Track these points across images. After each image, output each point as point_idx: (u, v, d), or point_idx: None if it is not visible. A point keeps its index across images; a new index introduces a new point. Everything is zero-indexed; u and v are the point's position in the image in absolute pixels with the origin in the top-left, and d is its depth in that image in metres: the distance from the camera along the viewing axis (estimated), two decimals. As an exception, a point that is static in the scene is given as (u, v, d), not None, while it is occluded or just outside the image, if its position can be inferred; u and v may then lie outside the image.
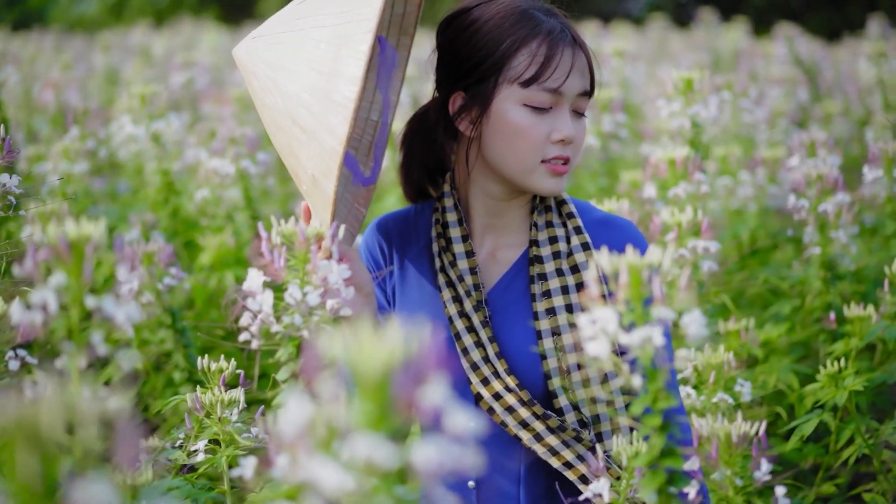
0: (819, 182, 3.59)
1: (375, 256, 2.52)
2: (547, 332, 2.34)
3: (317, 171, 2.14)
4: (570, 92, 2.31)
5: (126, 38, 11.32)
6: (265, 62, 2.23)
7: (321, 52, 2.13)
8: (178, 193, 4.20)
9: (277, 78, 2.20)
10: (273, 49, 2.23)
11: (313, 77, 2.13)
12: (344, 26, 2.12)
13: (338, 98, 2.08)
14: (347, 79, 2.07)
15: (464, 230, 2.43)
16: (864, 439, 2.87)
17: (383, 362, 1.23)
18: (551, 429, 2.30)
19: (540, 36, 2.32)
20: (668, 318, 1.80)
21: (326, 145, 2.09)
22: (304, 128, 2.15)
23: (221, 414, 2.46)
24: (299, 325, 2.18)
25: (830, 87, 8.42)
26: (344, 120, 2.06)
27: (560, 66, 2.30)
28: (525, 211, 2.46)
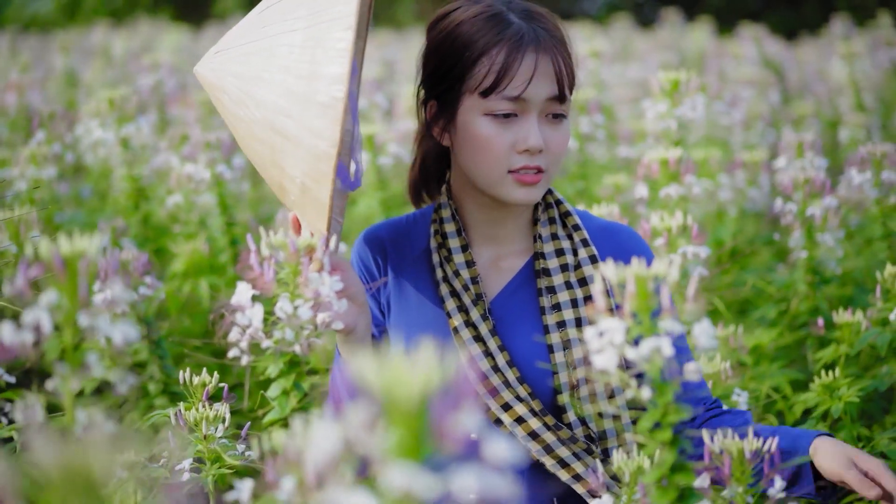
0: (806, 185, 3.56)
1: (370, 267, 2.46)
2: (558, 346, 2.30)
3: (306, 178, 2.08)
4: (535, 98, 2.24)
5: (83, 38, 11.15)
6: (235, 75, 2.15)
7: (296, 56, 2.06)
8: (148, 199, 4.10)
9: (251, 89, 2.12)
10: (242, 61, 2.15)
11: (290, 82, 2.05)
12: (316, 27, 2.04)
13: (323, 99, 2.01)
14: (330, 79, 2.00)
15: (463, 240, 2.39)
16: (859, 448, 2.83)
17: (419, 389, 1.16)
18: (562, 440, 2.26)
19: (501, 42, 2.25)
20: (676, 331, 1.75)
21: (316, 150, 2.03)
22: (288, 136, 2.07)
23: (207, 431, 2.38)
24: (291, 339, 2.10)
25: (799, 87, 8.43)
26: (334, 121, 1.99)
27: (520, 72, 2.23)
28: (526, 219, 2.42)
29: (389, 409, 1.18)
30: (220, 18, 15.40)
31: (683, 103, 3.86)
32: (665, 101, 3.89)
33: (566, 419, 2.27)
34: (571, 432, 2.26)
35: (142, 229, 4.08)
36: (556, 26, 2.31)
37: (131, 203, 4.08)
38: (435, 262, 2.40)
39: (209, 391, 2.44)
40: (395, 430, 1.19)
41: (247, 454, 2.36)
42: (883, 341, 3.01)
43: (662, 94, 3.90)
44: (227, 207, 3.97)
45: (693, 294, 1.75)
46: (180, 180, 3.93)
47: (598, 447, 2.27)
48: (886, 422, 3.19)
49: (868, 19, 12.01)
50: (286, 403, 2.18)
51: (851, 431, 2.87)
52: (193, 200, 3.95)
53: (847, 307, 3.22)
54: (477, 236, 2.42)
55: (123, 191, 4.12)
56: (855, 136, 5.79)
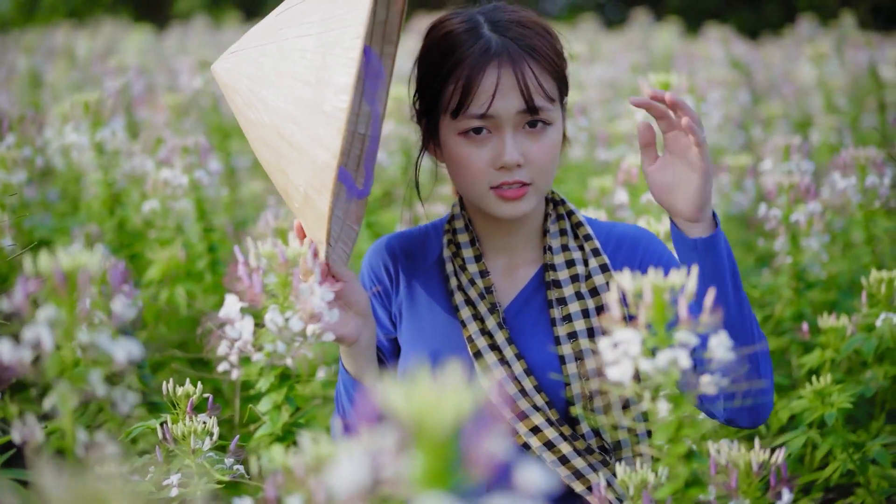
0: (791, 190, 3.55)
1: (380, 277, 2.45)
2: (569, 357, 2.28)
3: (309, 187, 2.05)
4: (503, 114, 2.21)
5: (44, 38, 11.00)
6: (248, 77, 2.12)
7: (307, 62, 2.03)
8: (123, 204, 4.02)
9: (262, 92, 2.09)
10: (255, 63, 2.12)
11: (298, 88, 2.02)
12: (328, 34, 2.01)
13: (328, 108, 1.98)
14: (337, 88, 1.97)
15: (477, 250, 2.38)
16: (849, 454, 2.82)
17: (450, 416, 1.12)
18: (578, 451, 2.24)
19: (464, 61, 2.23)
20: (692, 343, 1.72)
21: (318, 160, 2.00)
22: (293, 143, 2.04)
23: (195, 445, 2.32)
24: (282, 352, 2.05)
25: (766, 88, 8.46)
26: (336, 132, 1.96)
27: (481, 90, 2.21)
28: (537, 228, 2.40)
29: (419, 437, 1.14)
30: (183, 18, 15.29)
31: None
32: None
33: (579, 430, 2.25)
34: (587, 443, 2.24)
35: (116, 235, 4.00)
36: (538, 32, 2.27)
37: (106, 209, 4.00)
38: (449, 272, 2.39)
39: (193, 402, 2.39)
40: (424, 458, 1.14)
41: (235, 468, 2.32)
42: (869, 347, 3.01)
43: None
44: (205, 213, 3.90)
45: (709, 305, 1.71)
46: (156, 186, 3.86)
47: (613, 458, 2.25)
48: (872, 427, 3.18)
49: (831, 19, 12.10)
50: (278, 418, 2.13)
51: (840, 437, 2.85)
52: (170, 206, 3.88)
53: (831, 312, 3.21)
54: (489, 246, 2.41)
55: (97, 196, 4.04)
56: (826, 138, 5.81)
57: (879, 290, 3.07)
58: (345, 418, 2.35)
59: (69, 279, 1.57)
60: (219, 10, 16.70)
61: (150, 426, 2.46)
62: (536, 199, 2.27)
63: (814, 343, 3.37)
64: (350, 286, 2.19)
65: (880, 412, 3.19)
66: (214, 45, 10.75)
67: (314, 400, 3.14)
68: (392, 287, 2.44)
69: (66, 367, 1.58)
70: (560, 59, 2.29)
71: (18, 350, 1.52)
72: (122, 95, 5.61)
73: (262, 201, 5.00)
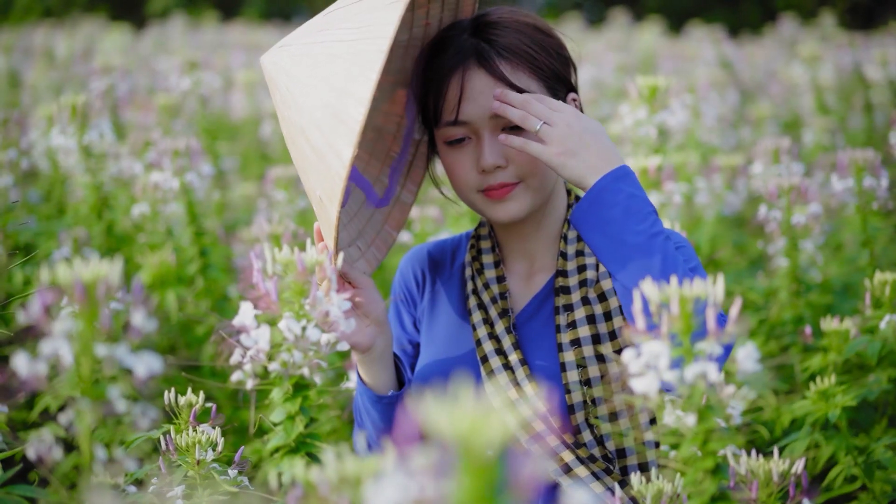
0: (791, 192, 3.53)
1: (409, 284, 2.48)
2: (570, 365, 2.25)
3: (323, 194, 2.05)
4: (475, 118, 2.22)
5: (20, 37, 10.89)
6: (287, 74, 2.12)
7: (336, 67, 2.02)
8: (111, 208, 3.96)
9: (295, 91, 2.09)
10: (295, 61, 2.12)
11: (326, 93, 2.01)
12: (360, 42, 2.00)
13: (345, 118, 1.97)
14: (357, 99, 1.95)
15: (496, 256, 2.39)
16: (855, 456, 2.80)
17: (496, 438, 1.08)
18: (581, 459, 2.20)
19: (436, 70, 2.26)
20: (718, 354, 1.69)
21: (332, 168, 1.99)
22: (315, 147, 2.04)
23: (199, 456, 2.27)
24: (299, 362, 2.01)
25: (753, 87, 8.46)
26: (349, 143, 1.95)
27: (449, 97, 2.23)
28: (555, 233, 2.38)
29: (463, 459, 1.10)
30: (159, 17, 15.20)
31: (664, 109, 3.81)
32: (644, 108, 3.83)
33: (581, 439, 2.22)
34: (589, 451, 2.21)
35: (105, 239, 3.94)
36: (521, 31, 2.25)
37: (93, 212, 3.94)
38: (467, 276, 2.40)
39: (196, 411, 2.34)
40: (467, 480, 1.11)
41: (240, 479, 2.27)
42: (873, 350, 2.99)
43: (640, 99, 3.84)
44: (196, 217, 3.85)
45: (735, 315, 1.68)
46: (146, 189, 3.80)
47: (616, 467, 2.22)
48: (875, 430, 3.16)
49: (809, 18, 12.14)
50: (292, 428, 2.08)
51: (844, 440, 2.83)
52: (160, 210, 3.83)
53: (828, 314, 3.20)
54: (510, 251, 2.41)
55: (84, 199, 3.98)
56: (818, 139, 5.80)
57: (883, 292, 3.05)
58: (363, 430, 2.32)
59: (88, 291, 1.52)
60: (195, 10, 16.62)
61: (153, 436, 2.42)
62: (531, 198, 2.26)
63: (815, 346, 3.35)
64: (366, 294, 2.20)
65: (882, 416, 3.18)
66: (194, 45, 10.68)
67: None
68: (419, 292, 2.46)
69: (84, 381, 1.53)
70: (551, 56, 2.27)
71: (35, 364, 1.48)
72: (106, 97, 5.53)
73: (253, 204, 4.95)
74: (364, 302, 2.20)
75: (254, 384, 2.01)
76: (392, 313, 2.51)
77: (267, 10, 18.21)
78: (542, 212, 2.35)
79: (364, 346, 2.20)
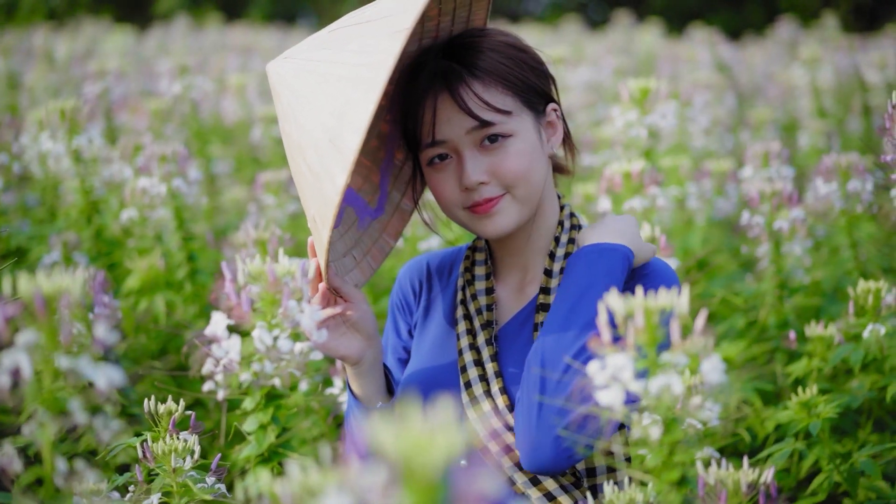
0: (774, 197, 3.53)
1: (406, 293, 2.53)
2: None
3: (317, 214, 2.09)
4: (452, 137, 2.24)
5: (22, 39, 10.90)
6: (290, 88, 2.15)
7: (337, 89, 2.04)
8: (101, 213, 3.97)
9: (296, 107, 2.11)
10: (298, 75, 2.14)
11: (324, 115, 2.04)
12: (362, 68, 2.02)
13: (341, 145, 1.99)
14: (353, 127, 1.97)
15: (488, 268, 2.42)
16: (836, 464, 2.80)
17: (440, 455, 1.08)
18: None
19: (413, 96, 2.28)
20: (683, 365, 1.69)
21: (326, 192, 2.02)
22: (311, 167, 2.07)
23: (175, 464, 2.27)
24: (270, 372, 2.02)
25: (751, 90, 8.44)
26: (343, 169, 1.97)
27: (423, 120, 2.26)
28: (546, 245, 2.40)
29: (408, 476, 1.10)
30: (164, 19, 15.22)
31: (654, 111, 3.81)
32: (634, 110, 3.84)
33: None
34: None
35: (94, 244, 3.95)
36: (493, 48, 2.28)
37: (83, 217, 3.95)
38: (458, 286, 2.43)
39: (175, 419, 2.35)
40: (412, 497, 1.11)
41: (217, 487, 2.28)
42: (857, 357, 2.99)
43: (631, 102, 3.85)
44: (184, 222, 3.85)
45: (700, 327, 1.68)
46: (134, 194, 3.81)
47: (586, 482, 2.23)
48: (859, 437, 3.16)
49: (812, 19, 12.11)
50: (263, 438, 2.09)
51: (827, 448, 2.83)
52: (148, 215, 3.83)
53: (815, 318, 3.20)
54: (504, 264, 2.43)
55: (74, 204, 3.99)
56: (815, 142, 5.79)
57: (866, 300, 3.05)
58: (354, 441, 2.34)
59: (49, 303, 1.53)
60: (200, 11, 16.63)
61: (131, 443, 2.42)
62: (517, 210, 2.27)
63: (800, 351, 3.35)
64: (357, 307, 2.25)
65: (867, 421, 3.18)
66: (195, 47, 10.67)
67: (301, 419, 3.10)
68: (415, 301, 2.50)
69: (45, 393, 1.54)
70: (525, 71, 2.29)
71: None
72: (101, 100, 5.53)
73: (244, 209, 4.95)
74: (355, 315, 2.26)
75: (225, 394, 2.02)
76: (389, 321, 2.55)
77: (271, 11, 18.24)
78: (532, 224, 2.36)
79: (354, 358, 2.26)
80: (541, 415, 2.07)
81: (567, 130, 2.44)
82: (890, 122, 2.54)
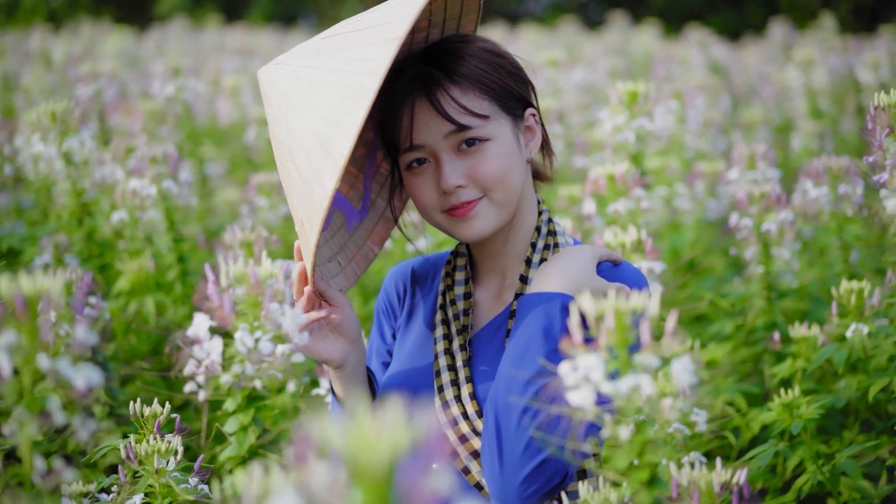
0: (762, 200, 3.55)
1: (391, 297, 2.55)
2: None
3: (305, 219, 2.11)
4: (430, 142, 2.26)
5: (22, 41, 10.92)
6: (281, 93, 2.17)
7: (328, 96, 2.07)
8: (92, 214, 3.98)
9: (287, 113, 2.14)
10: (289, 81, 2.17)
11: (316, 121, 2.07)
12: (353, 75, 2.05)
13: (332, 150, 2.02)
14: (345, 134, 2.00)
15: (467, 273, 2.44)
16: (818, 465, 2.81)
17: (386, 453, 1.10)
18: None
19: (391, 101, 2.30)
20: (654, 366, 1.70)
21: (315, 197, 2.04)
22: (301, 172, 2.09)
23: (158, 465, 2.29)
24: (251, 374, 2.04)
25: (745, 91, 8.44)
26: (332, 175, 2.00)
27: (402, 125, 2.28)
28: (523, 250, 2.41)
29: (356, 474, 1.12)
30: (163, 20, 15.22)
31: (642, 115, 3.82)
32: (623, 113, 3.85)
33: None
34: None
35: (86, 245, 3.96)
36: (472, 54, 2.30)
37: (74, 218, 3.97)
38: (439, 291, 2.45)
39: (160, 422, 2.36)
40: (362, 495, 1.13)
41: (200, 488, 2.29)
42: (840, 358, 3.00)
43: (620, 105, 3.86)
44: (174, 223, 3.87)
45: (671, 328, 1.70)
46: (125, 196, 3.82)
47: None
48: (844, 437, 3.18)
49: (810, 20, 12.10)
50: (244, 439, 2.11)
51: (810, 448, 2.85)
52: (139, 216, 3.85)
53: (804, 320, 3.21)
54: (483, 269, 2.45)
55: (66, 206, 4.00)
56: (807, 144, 5.80)
57: (849, 300, 3.07)
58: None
59: (30, 304, 1.55)
60: (200, 11, 16.65)
61: (115, 446, 2.44)
62: (495, 213, 2.29)
63: (786, 353, 3.37)
64: (341, 311, 2.29)
65: (854, 422, 3.19)
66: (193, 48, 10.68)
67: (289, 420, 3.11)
68: (399, 305, 2.52)
69: (25, 393, 1.56)
70: (503, 76, 2.31)
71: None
72: (95, 101, 5.55)
73: (237, 210, 4.97)
74: (339, 319, 2.30)
75: (206, 395, 2.04)
76: (375, 325, 2.57)
77: (272, 12, 18.24)
78: (510, 229, 2.37)
79: (336, 361, 2.29)
80: (503, 466, 2.09)
81: (545, 135, 2.45)
82: (873, 123, 2.55)
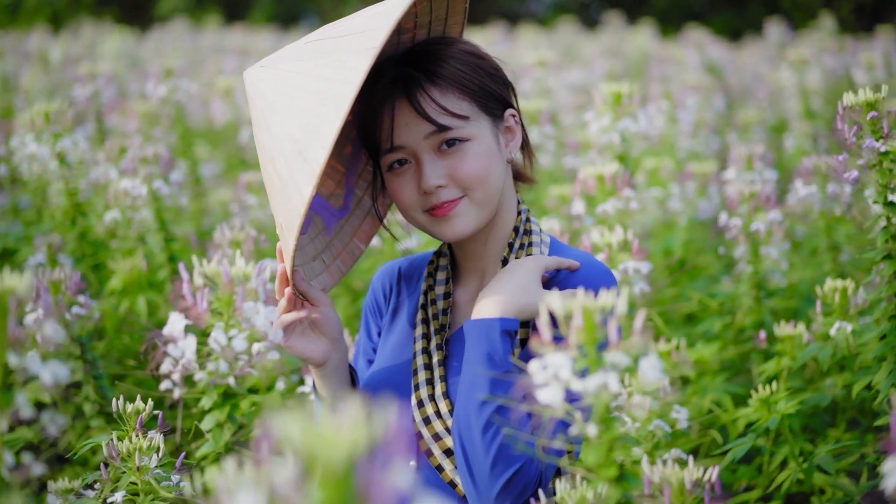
0: (752, 199, 3.56)
1: (377, 296, 2.58)
2: None
3: (284, 222, 2.14)
4: (410, 142, 2.29)
5: (22, 41, 10.94)
6: (263, 97, 2.19)
7: (308, 103, 2.09)
8: (85, 214, 4.00)
9: (269, 116, 2.16)
10: (271, 85, 2.19)
11: (294, 127, 2.09)
12: (331, 83, 2.07)
13: (308, 157, 2.04)
14: (321, 142, 2.02)
15: (448, 273, 2.47)
16: (799, 463, 2.83)
17: (346, 450, 1.12)
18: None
19: (371, 103, 2.32)
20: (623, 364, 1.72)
21: (293, 202, 2.07)
22: (280, 176, 2.12)
23: (140, 462, 2.31)
24: (225, 371, 2.06)
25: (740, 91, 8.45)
26: (309, 182, 2.03)
27: (383, 127, 2.30)
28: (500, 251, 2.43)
29: (315, 471, 1.14)
30: (164, 20, 15.24)
31: (626, 116, 3.84)
32: (608, 115, 3.87)
33: None
34: None
35: (79, 245, 3.98)
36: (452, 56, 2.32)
37: (68, 218, 3.99)
38: (422, 290, 2.47)
39: (143, 419, 2.38)
40: (321, 492, 1.14)
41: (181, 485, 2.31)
42: (825, 356, 3.01)
43: (605, 106, 3.88)
44: (165, 223, 3.89)
45: (639, 327, 1.71)
46: (117, 195, 3.85)
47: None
48: (830, 435, 3.19)
49: (809, 20, 12.09)
50: (220, 436, 2.13)
51: (793, 446, 2.86)
52: (131, 216, 3.87)
53: (792, 320, 3.22)
54: (464, 269, 2.48)
55: (60, 205, 4.03)
56: (801, 144, 5.81)
57: (833, 299, 3.08)
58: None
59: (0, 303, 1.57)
60: (202, 11, 16.67)
61: (97, 442, 2.47)
62: (476, 212, 2.32)
63: (773, 352, 3.38)
64: (323, 311, 2.32)
65: (841, 420, 3.20)
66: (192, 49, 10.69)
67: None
68: (385, 304, 2.55)
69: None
70: (482, 77, 2.34)
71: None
72: (93, 102, 5.57)
73: (230, 210, 4.99)
74: (320, 319, 2.33)
75: (181, 393, 2.06)
76: (362, 324, 2.61)
77: (274, 12, 18.26)
78: (489, 229, 2.40)
79: (318, 360, 2.33)
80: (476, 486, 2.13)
81: (525, 136, 2.47)
82: (842, 123, 2.57)
